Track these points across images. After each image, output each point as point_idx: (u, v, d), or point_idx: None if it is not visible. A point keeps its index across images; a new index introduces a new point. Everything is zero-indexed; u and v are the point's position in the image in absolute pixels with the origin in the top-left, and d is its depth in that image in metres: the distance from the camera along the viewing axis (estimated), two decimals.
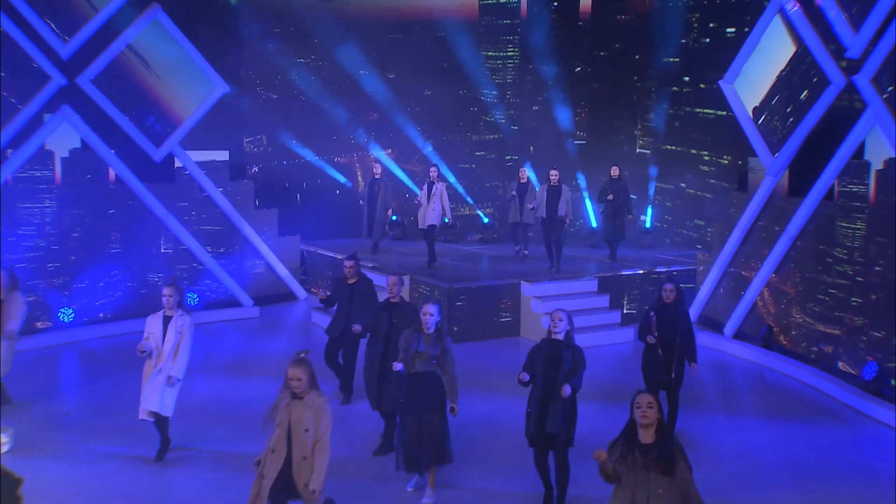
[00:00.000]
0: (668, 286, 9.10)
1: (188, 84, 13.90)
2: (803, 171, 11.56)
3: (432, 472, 7.70)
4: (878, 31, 9.94)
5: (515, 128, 17.76)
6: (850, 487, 7.85)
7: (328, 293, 10.27)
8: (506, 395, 9.71)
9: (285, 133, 17.24)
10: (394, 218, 16.50)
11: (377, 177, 15.24)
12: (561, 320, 7.46)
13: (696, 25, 15.88)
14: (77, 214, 13.12)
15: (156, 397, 8.50)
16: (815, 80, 11.04)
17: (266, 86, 17.24)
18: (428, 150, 17.55)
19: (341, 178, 17.93)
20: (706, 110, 15.81)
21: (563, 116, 17.35)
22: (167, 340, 8.64)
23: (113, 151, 13.32)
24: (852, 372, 10.58)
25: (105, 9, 12.80)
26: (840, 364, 10.84)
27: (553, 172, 14.18)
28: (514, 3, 17.65)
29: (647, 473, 5.40)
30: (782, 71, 11.61)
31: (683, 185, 16.27)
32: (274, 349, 12.61)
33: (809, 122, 11.03)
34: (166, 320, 8.72)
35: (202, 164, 14.29)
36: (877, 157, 10.29)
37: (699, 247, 15.52)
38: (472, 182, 17.85)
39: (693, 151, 16.15)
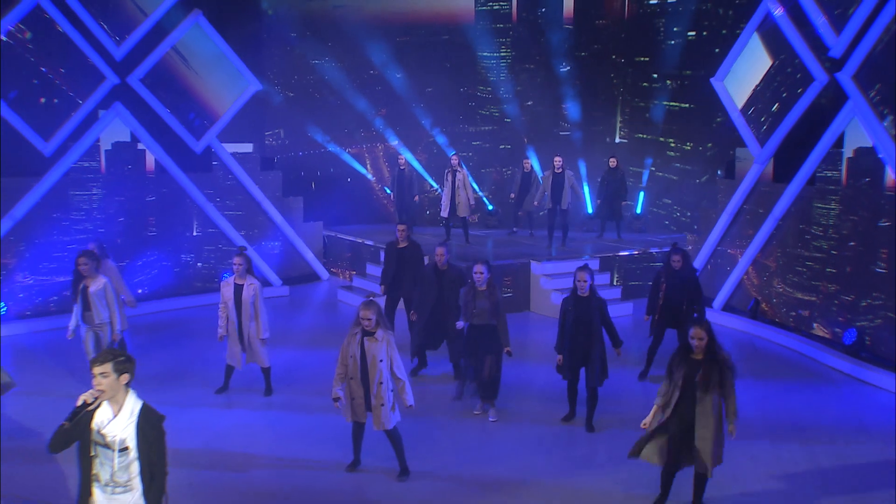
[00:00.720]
0: (676, 256, 10.04)
1: (225, 81, 14.68)
2: (786, 160, 12.64)
3: (491, 403, 9.06)
4: (858, 33, 10.90)
5: (508, 120, 18.63)
6: (844, 435, 8.77)
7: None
8: (521, 360, 10.82)
9: (302, 127, 17.99)
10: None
11: (402, 168, 16.21)
12: (585, 280, 8.61)
13: (662, 30, 16.97)
14: (119, 201, 13.85)
15: (238, 353, 9.59)
16: (799, 77, 12.09)
17: (284, 84, 17.97)
18: (439, 139, 18.41)
19: (360, 168, 18.73)
20: (672, 103, 16.98)
21: (551, 110, 18.34)
22: (243, 306, 9.49)
23: (158, 144, 14.06)
24: (825, 333, 11.71)
25: (153, 13, 13.55)
26: (815, 325, 11.95)
27: (557, 159, 15.06)
28: (507, 9, 18.48)
29: (692, 388, 6.67)
30: (769, 69, 12.65)
31: (653, 168, 17.41)
32: (307, 323, 13.64)
33: (794, 115, 12.03)
34: (237, 288, 9.55)
35: (234, 156, 15.09)
36: (852, 147, 11.39)
37: (667, 223, 16.90)
38: (469, 168, 18.71)
39: (661, 139, 17.28)
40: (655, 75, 17.14)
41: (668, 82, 16.92)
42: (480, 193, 18.51)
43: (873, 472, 7.86)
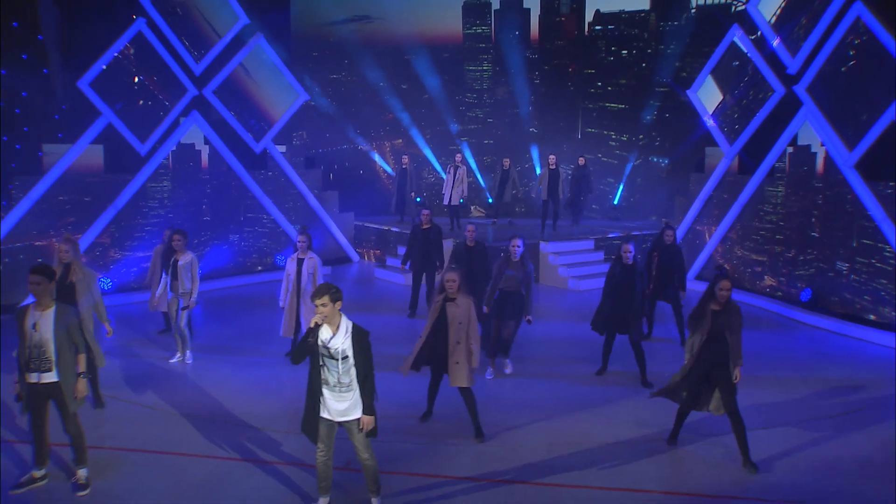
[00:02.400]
0: (669, 231, 11.27)
1: (278, 92, 16.09)
2: (747, 155, 14.84)
3: (505, 356, 9.97)
4: (810, 55, 13.08)
5: (491, 120, 20.65)
6: (820, 366, 10.70)
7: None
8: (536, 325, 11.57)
9: (321, 129, 19.62)
10: (418, 199, 19.06)
11: (405, 166, 17.89)
12: (629, 251, 9.62)
13: (603, 48, 19.33)
14: (183, 192, 15.11)
15: (294, 324, 10.18)
16: (761, 89, 14.29)
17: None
18: (434, 137, 20.23)
19: (382, 164, 20.47)
20: (610, 104, 19.32)
21: (523, 112, 20.36)
22: (302, 277, 10.13)
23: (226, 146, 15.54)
24: (773, 282, 13.98)
25: (226, 36, 15.07)
26: (766, 278, 14.18)
27: (551, 157, 16.68)
28: (487, 32, 20.55)
29: (718, 331, 7.34)
30: (734, 83, 14.83)
31: (600, 154, 19.63)
32: (352, 296, 14.73)
33: (758, 119, 14.23)
34: (300, 262, 10.20)
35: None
36: (804, 144, 13.64)
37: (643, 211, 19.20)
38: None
39: (604, 133, 19.52)
40: (599, 83, 19.42)
41: (609, 88, 19.24)
42: (484, 185, 20.35)
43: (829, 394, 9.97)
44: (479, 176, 20.53)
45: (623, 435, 8.18)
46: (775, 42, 13.63)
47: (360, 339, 6.09)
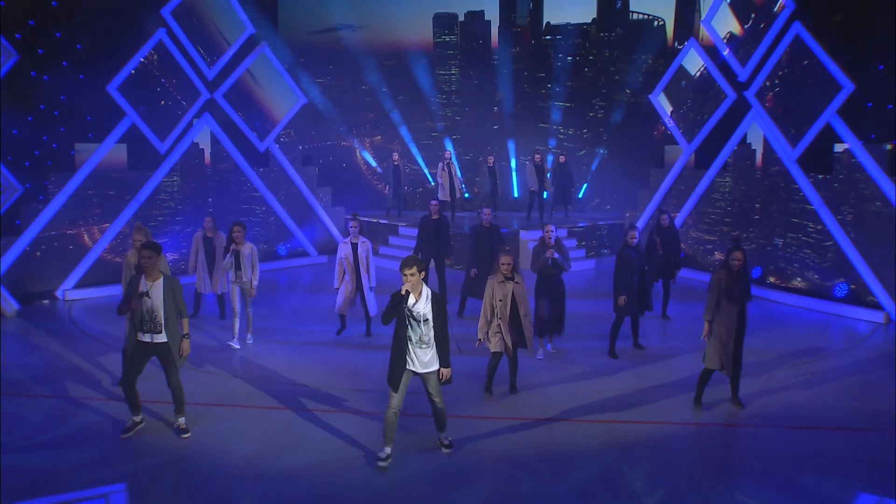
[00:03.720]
0: (664, 216, 12.31)
1: (280, 96, 16.94)
2: (703, 152, 16.34)
3: (551, 338, 10.54)
4: (758, 65, 14.62)
5: (459, 118, 21.82)
6: (772, 331, 12.24)
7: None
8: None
9: (308, 128, 20.41)
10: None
11: (396, 163, 18.92)
12: (634, 238, 10.24)
13: (552, 54, 20.84)
14: (190, 184, 15.85)
15: (350, 303, 11.03)
16: (714, 94, 15.83)
17: None
18: (408, 135, 21.29)
19: (370, 161, 21.34)
20: (558, 103, 20.69)
21: (488, 111, 21.55)
22: (360, 259, 10.85)
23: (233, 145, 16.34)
24: (722, 257, 15.29)
25: (234, 44, 15.87)
26: (715, 253, 15.69)
27: (537, 155, 17.79)
28: (454, 41, 21.73)
29: (729, 298, 8.13)
30: (691, 88, 16.31)
31: (553, 146, 21.10)
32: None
33: (712, 121, 15.73)
34: (354, 246, 10.92)
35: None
36: (753, 141, 15.19)
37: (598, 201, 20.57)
38: (429, 153, 21.56)
39: (554, 127, 20.97)
40: (549, 85, 20.86)
41: (557, 89, 20.67)
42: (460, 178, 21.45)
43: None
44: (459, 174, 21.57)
45: (637, 386, 9.46)
46: (726, 52, 15.12)
47: (438, 304, 7.13)
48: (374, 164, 21.37)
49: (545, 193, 18.18)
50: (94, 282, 14.13)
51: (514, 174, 21.04)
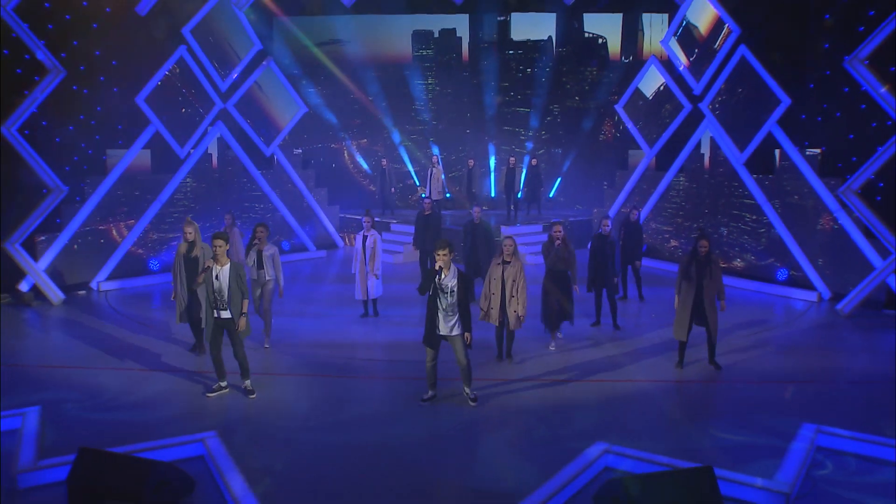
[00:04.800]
0: (635, 213, 13.64)
1: (284, 105, 18.01)
2: (663, 155, 17.88)
3: (571, 322, 11.06)
4: (710, 81, 16.17)
5: (435, 123, 23.09)
6: (735, 310, 13.85)
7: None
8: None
9: (301, 131, 21.36)
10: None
11: (384, 167, 20.15)
12: (608, 225, 11.69)
13: (513, 64, 22.40)
14: (201, 184, 16.81)
15: (364, 287, 12.12)
16: (673, 105, 17.38)
17: None
18: (396, 138, 22.44)
19: (363, 164, 22.45)
20: (520, 108, 22.27)
21: (461, 117, 22.85)
22: (367, 249, 11.88)
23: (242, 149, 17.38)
24: (676, 244, 17.08)
25: (244, 58, 16.92)
26: (671, 241, 17.27)
27: (511, 158, 19.40)
28: (431, 54, 23.05)
29: (700, 279, 9.45)
30: (652, 99, 17.84)
31: (514, 146, 22.51)
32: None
33: (671, 128, 17.28)
34: (364, 238, 11.91)
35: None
36: (705, 147, 16.79)
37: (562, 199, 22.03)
38: (411, 153, 22.68)
39: (515, 129, 22.47)
40: (512, 93, 22.36)
41: (519, 97, 22.22)
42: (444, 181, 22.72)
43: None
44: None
45: (619, 353, 10.89)
46: (681, 67, 16.67)
47: (464, 281, 8.47)
48: (365, 166, 22.50)
49: (519, 194, 19.60)
50: (123, 274, 15.08)
51: (492, 175, 22.38)
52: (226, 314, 8.87)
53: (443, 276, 8.38)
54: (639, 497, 6.05)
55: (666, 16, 19.80)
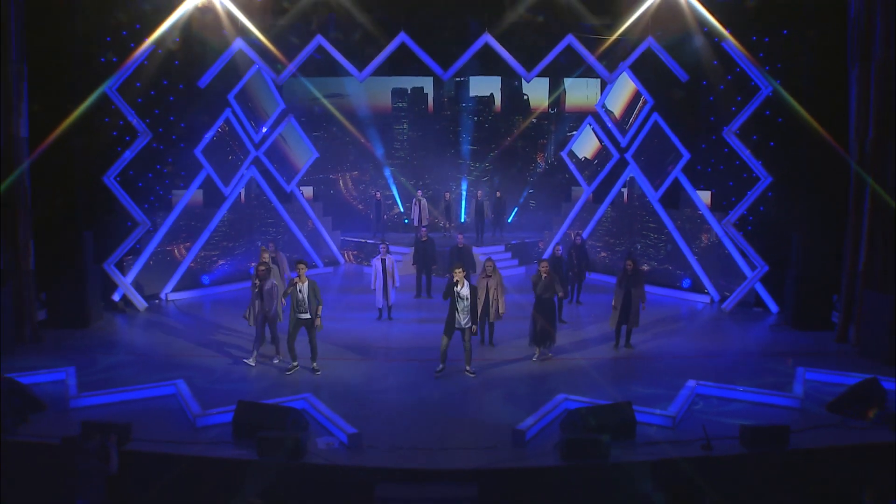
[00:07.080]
0: (578, 237, 17.37)
1: (300, 151, 21.23)
2: (598, 191, 21.53)
3: (547, 345, 13.03)
4: (633, 136, 19.91)
5: (409, 159, 26.43)
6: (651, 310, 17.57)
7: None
8: None
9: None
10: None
11: (378, 199, 23.39)
12: (560, 249, 15.86)
13: (469, 117, 25.95)
14: (235, 217, 19.73)
15: (385, 299, 15.18)
16: (607, 152, 21.07)
17: None
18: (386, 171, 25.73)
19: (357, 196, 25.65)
20: (471, 147, 25.71)
21: (429, 154, 26.05)
22: (387, 269, 15.08)
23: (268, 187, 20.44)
24: (606, 255, 20.64)
25: (272, 116, 20.03)
26: (602, 254, 20.93)
27: (479, 191, 22.97)
28: (405, 106, 26.43)
29: (629, 287, 12.97)
30: (593, 150, 21.52)
31: (466, 175, 25.94)
32: (358, 283, 19.93)
33: (604, 171, 20.97)
34: (383, 261, 14.94)
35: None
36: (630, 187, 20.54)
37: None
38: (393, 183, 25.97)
39: (468, 163, 25.88)
40: (464, 136, 25.86)
41: (470, 139, 25.74)
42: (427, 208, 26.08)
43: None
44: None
45: (570, 340, 14.37)
46: (610, 125, 20.42)
47: (473, 291, 11.83)
48: (359, 197, 25.70)
49: (485, 220, 23.11)
50: (184, 287, 18.02)
51: (463, 203, 25.84)
52: (305, 315, 12.09)
53: (458, 287, 11.74)
54: (586, 419, 9.54)
55: (585, 79, 23.57)
